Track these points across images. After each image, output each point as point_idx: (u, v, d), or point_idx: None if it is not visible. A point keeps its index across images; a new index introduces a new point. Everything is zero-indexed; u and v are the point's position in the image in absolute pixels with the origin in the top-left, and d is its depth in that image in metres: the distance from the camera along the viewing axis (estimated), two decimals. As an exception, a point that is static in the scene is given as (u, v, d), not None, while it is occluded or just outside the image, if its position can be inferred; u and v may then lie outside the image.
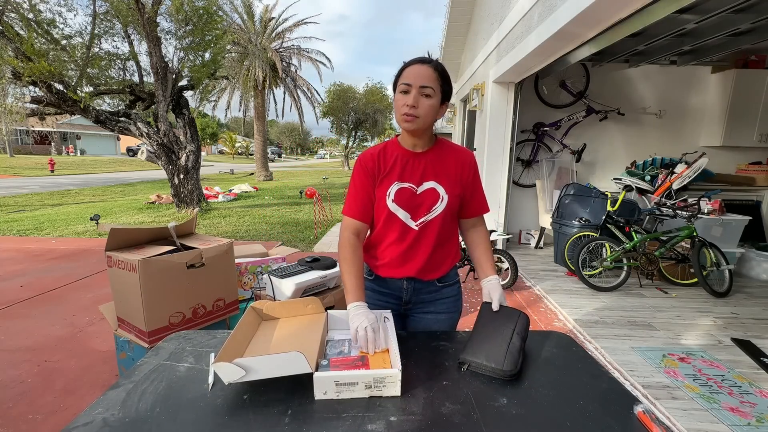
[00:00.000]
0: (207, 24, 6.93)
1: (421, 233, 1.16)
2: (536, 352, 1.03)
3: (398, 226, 1.16)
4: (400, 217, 1.16)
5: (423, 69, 1.06)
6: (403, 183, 1.15)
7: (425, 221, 1.16)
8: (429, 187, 1.15)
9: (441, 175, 1.15)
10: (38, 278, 3.72)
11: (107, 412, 0.77)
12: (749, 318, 3.04)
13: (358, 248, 1.16)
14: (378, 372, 0.81)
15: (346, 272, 1.11)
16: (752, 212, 4.46)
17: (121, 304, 1.80)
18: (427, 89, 1.06)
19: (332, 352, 0.97)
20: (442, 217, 1.16)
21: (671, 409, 1.94)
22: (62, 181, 14.22)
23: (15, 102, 6.35)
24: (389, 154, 1.17)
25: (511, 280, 3.53)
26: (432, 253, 1.18)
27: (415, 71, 1.06)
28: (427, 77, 1.06)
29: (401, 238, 1.17)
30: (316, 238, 5.59)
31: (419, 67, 1.07)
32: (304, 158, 63.09)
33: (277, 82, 16.90)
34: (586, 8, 2.26)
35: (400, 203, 1.15)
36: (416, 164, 1.15)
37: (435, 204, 1.15)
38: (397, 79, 1.10)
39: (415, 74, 1.06)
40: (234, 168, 24.33)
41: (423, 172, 1.15)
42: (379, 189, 1.16)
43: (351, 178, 1.21)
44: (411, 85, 1.06)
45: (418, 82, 1.05)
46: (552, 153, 5.19)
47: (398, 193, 1.15)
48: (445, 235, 1.20)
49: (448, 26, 6.53)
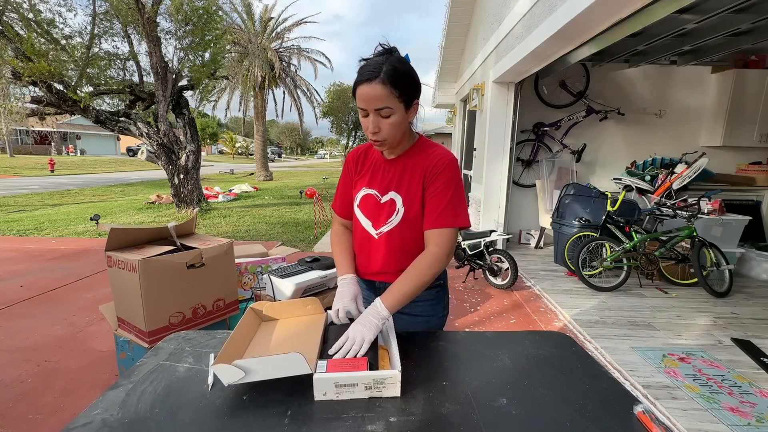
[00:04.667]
0: (207, 24, 6.93)
1: (381, 241, 1.13)
2: (536, 352, 1.03)
3: (361, 232, 1.17)
4: (362, 224, 1.16)
5: (372, 89, 0.94)
6: (370, 189, 1.14)
7: (383, 231, 1.13)
8: (389, 198, 1.11)
9: (404, 186, 1.09)
10: (38, 278, 3.72)
11: (107, 412, 0.77)
12: (749, 318, 3.04)
13: (345, 232, 1.26)
14: (378, 373, 0.81)
15: (336, 252, 1.21)
16: (752, 212, 4.46)
17: (121, 304, 1.80)
18: (383, 110, 0.97)
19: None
20: (399, 229, 1.10)
21: (671, 409, 1.94)
22: (62, 181, 14.22)
23: (15, 102, 6.34)
24: (368, 157, 1.18)
25: (511, 280, 3.53)
26: (394, 260, 1.13)
27: (365, 93, 0.96)
28: (379, 97, 0.95)
29: (363, 243, 1.17)
30: (316, 238, 5.59)
31: (367, 87, 0.95)
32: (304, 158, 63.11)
33: (277, 82, 16.90)
34: (586, 8, 2.26)
35: (364, 210, 1.15)
36: (386, 172, 1.13)
37: (391, 216, 1.11)
38: (353, 91, 1.00)
39: (365, 97, 0.96)
40: (234, 168, 24.33)
41: (389, 180, 1.12)
42: (356, 189, 1.19)
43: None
44: (366, 109, 0.98)
45: (371, 105, 0.96)
46: (552, 153, 5.19)
47: (363, 200, 1.15)
48: (410, 244, 1.11)
49: (448, 26, 6.53)
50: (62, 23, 6.18)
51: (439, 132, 17.27)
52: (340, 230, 1.26)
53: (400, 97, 0.98)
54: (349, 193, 1.21)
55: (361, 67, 0.98)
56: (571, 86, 4.94)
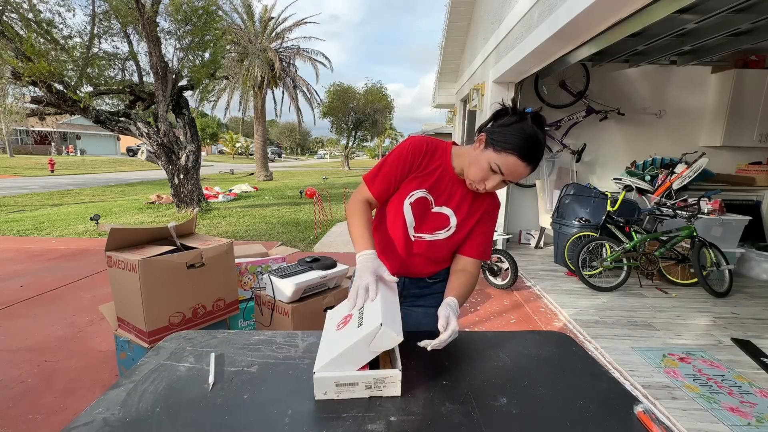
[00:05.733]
0: (206, 24, 6.93)
1: (416, 245, 1.17)
2: (536, 352, 1.03)
3: (400, 228, 1.16)
4: (406, 222, 1.15)
5: (526, 170, 0.97)
6: (429, 194, 1.13)
7: (422, 238, 1.15)
8: (443, 212, 1.13)
9: (463, 210, 1.13)
10: (38, 278, 3.72)
11: (107, 411, 0.77)
12: (749, 318, 3.04)
13: (368, 208, 1.15)
14: (378, 372, 0.81)
15: (354, 225, 1.09)
16: (752, 212, 4.46)
17: (121, 304, 1.80)
18: (509, 181, 1.02)
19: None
20: (442, 243, 1.16)
21: (671, 409, 1.94)
22: (62, 181, 14.22)
23: (15, 102, 6.34)
24: (436, 159, 1.12)
25: (511, 280, 3.53)
26: (421, 264, 1.19)
27: (517, 170, 0.97)
28: (523, 175, 0.99)
29: (398, 239, 1.18)
30: (316, 238, 5.59)
31: (524, 168, 0.97)
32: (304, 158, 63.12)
33: (277, 83, 16.91)
34: (586, 8, 2.26)
35: (414, 210, 1.13)
36: (452, 187, 1.13)
37: (440, 229, 1.14)
38: (501, 147, 0.96)
39: (514, 173, 0.98)
40: (234, 168, 24.33)
41: (451, 196, 1.13)
42: (407, 183, 1.13)
43: (393, 152, 1.14)
44: (502, 174, 0.99)
45: (513, 178, 1.00)
46: (552, 153, 5.19)
47: (418, 201, 1.13)
48: (443, 257, 1.19)
49: (448, 26, 6.53)
50: (62, 23, 6.17)
51: (439, 132, 17.24)
52: (364, 204, 1.15)
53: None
54: (396, 181, 1.13)
55: (524, 137, 0.95)
56: (571, 86, 4.94)
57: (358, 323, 0.86)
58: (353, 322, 0.88)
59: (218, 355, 0.98)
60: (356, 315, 0.91)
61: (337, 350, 0.82)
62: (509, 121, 0.98)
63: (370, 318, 0.85)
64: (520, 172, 0.97)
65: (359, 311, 0.91)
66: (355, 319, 0.89)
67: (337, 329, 0.91)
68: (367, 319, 0.85)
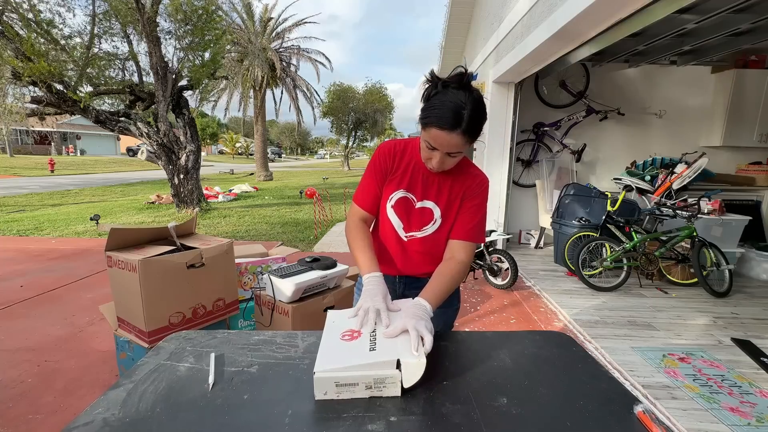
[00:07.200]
0: (206, 24, 6.94)
1: (410, 244, 1.18)
2: (536, 352, 1.03)
3: (390, 232, 1.19)
4: (393, 225, 1.17)
5: (450, 138, 0.94)
6: (408, 193, 1.15)
7: (415, 236, 1.17)
8: (426, 206, 1.15)
9: (443, 198, 1.13)
10: (38, 278, 3.72)
11: (107, 411, 0.77)
12: (749, 318, 3.04)
13: (365, 228, 1.17)
14: (378, 372, 0.81)
15: (356, 248, 1.10)
16: (752, 212, 4.46)
17: (121, 304, 1.80)
18: (454, 153, 0.99)
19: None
20: (433, 237, 1.16)
21: (671, 409, 1.94)
22: (62, 181, 14.22)
23: (15, 102, 6.34)
24: (405, 157, 1.14)
25: (511, 280, 3.53)
26: (419, 262, 1.20)
27: (441, 140, 0.95)
28: (455, 145, 0.95)
29: (391, 243, 1.20)
30: (316, 238, 5.59)
31: (445, 135, 0.93)
32: (304, 158, 63.10)
33: (277, 82, 16.90)
34: (585, 8, 2.26)
35: (397, 211, 1.16)
36: (426, 180, 1.14)
37: (426, 224, 1.15)
38: (424, 123, 0.97)
39: (441, 143, 0.96)
40: (234, 168, 24.33)
41: (429, 189, 1.14)
42: (386, 187, 1.16)
43: (368, 163, 1.18)
44: (437, 149, 0.98)
45: (445, 149, 0.97)
46: (552, 153, 5.19)
47: (399, 202, 1.15)
48: (438, 250, 1.18)
49: (448, 26, 6.53)
50: (62, 23, 6.18)
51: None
52: (360, 225, 1.16)
53: (471, 141, 0.98)
54: (378, 188, 1.16)
55: (440, 106, 0.92)
56: (571, 86, 4.94)
57: (370, 347, 0.86)
58: (363, 343, 0.88)
59: (218, 355, 0.97)
60: (367, 336, 0.91)
61: (343, 361, 0.82)
62: (429, 96, 0.97)
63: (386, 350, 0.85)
64: (450, 141, 0.94)
65: (371, 334, 0.91)
66: (366, 341, 0.89)
67: (341, 338, 0.91)
68: (381, 347, 0.86)
